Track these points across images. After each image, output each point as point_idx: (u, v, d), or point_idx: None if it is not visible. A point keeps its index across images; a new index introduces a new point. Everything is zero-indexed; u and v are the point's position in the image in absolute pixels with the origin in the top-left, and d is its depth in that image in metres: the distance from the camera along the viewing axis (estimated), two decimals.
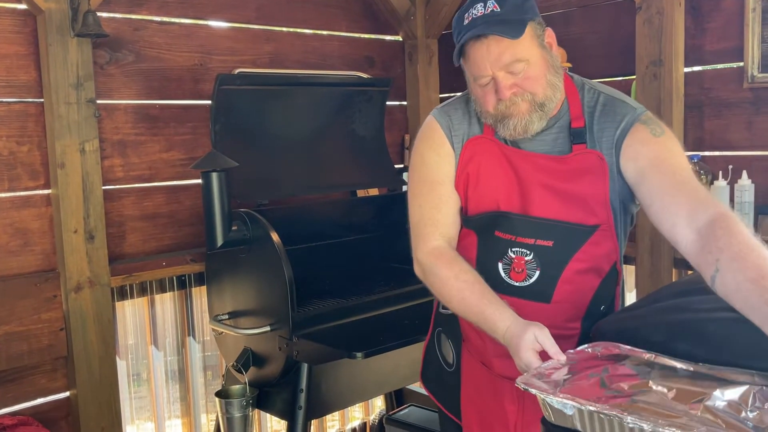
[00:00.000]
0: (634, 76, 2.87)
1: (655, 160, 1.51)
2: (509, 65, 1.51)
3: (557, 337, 1.41)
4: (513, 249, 1.61)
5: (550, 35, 1.59)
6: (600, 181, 1.56)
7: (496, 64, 1.51)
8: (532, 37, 1.54)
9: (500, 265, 1.63)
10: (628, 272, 3.01)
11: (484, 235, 1.66)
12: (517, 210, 1.61)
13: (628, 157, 1.54)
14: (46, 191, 2.66)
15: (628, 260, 2.96)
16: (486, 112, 1.60)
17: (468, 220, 1.69)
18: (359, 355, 2.20)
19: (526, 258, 1.60)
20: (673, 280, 2.77)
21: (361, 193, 3.58)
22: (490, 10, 1.50)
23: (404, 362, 2.81)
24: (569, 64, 3.16)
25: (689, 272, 2.73)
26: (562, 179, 1.58)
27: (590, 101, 1.62)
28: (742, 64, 2.64)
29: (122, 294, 2.83)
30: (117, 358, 2.81)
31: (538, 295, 1.61)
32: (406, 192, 3.45)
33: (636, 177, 1.53)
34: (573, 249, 1.58)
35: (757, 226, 2.63)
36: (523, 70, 1.52)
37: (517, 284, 1.61)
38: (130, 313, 2.90)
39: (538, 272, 1.60)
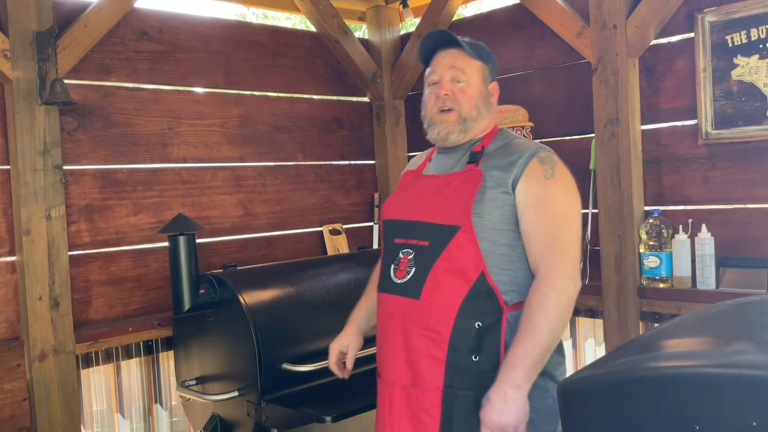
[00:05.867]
0: (593, 135, 2.96)
1: (536, 201, 1.78)
2: (456, 74, 1.90)
3: (427, 340, 1.78)
4: (403, 251, 1.88)
5: (494, 87, 1.97)
6: (470, 192, 1.81)
7: (448, 67, 1.91)
8: (479, 72, 1.93)
9: (392, 266, 1.89)
10: (596, 326, 3.04)
11: (387, 244, 1.95)
12: (413, 218, 1.90)
13: (521, 188, 1.80)
14: (11, 258, 2.64)
15: (595, 314, 3.00)
16: (425, 114, 1.95)
17: (384, 224, 2.02)
18: (328, 419, 2.18)
19: (409, 257, 1.85)
20: (640, 333, 2.80)
21: (331, 251, 3.59)
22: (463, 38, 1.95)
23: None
24: (531, 123, 3.26)
25: (655, 325, 2.76)
26: (448, 191, 1.86)
27: (497, 141, 1.93)
28: (696, 121, 2.74)
29: (87, 361, 2.78)
30: (82, 428, 2.74)
31: (411, 291, 1.82)
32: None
33: (521, 207, 1.80)
34: (441, 248, 1.80)
35: (719, 279, 2.68)
36: (462, 84, 1.90)
37: (398, 281, 1.86)
38: (95, 380, 2.84)
39: (414, 269, 1.83)
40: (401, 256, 1.86)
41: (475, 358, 1.77)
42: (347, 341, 2.13)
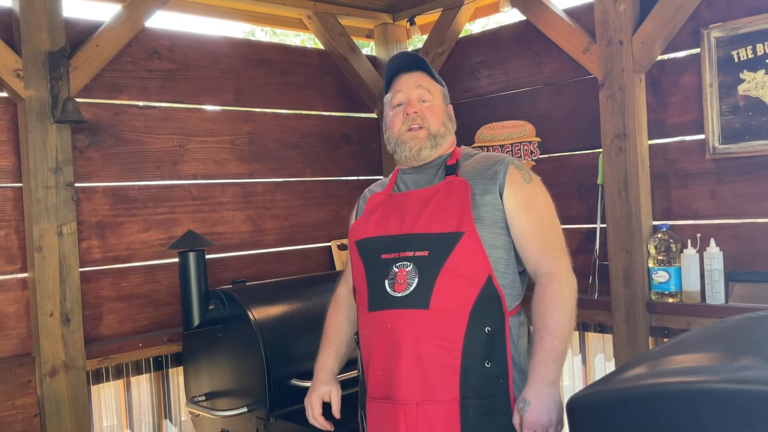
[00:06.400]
0: (600, 149, 2.97)
1: (525, 203, 1.87)
2: (422, 93, 1.98)
3: (440, 350, 1.76)
4: (397, 264, 1.85)
5: (451, 109, 2.08)
6: (464, 199, 1.85)
7: (414, 87, 1.98)
8: (441, 93, 2.03)
9: (386, 281, 1.85)
10: (606, 341, 3.03)
11: (371, 262, 1.91)
12: (401, 232, 1.90)
13: (508, 193, 1.88)
14: (22, 275, 2.66)
15: (604, 329, 2.99)
16: (392, 135, 2.00)
17: (361, 244, 1.97)
18: None
19: (407, 269, 1.83)
20: (650, 348, 2.79)
21: (339, 266, 3.60)
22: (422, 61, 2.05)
23: None
24: (538, 139, 3.27)
25: (665, 340, 2.75)
26: (434, 203, 1.89)
27: (466, 157, 2.01)
28: (703, 136, 2.74)
29: (98, 377, 2.79)
30: None
31: (418, 302, 1.79)
32: None
33: (510, 211, 1.87)
34: (445, 255, 1.80)
35: (728, 294, 2.67)
36: (428, 103, 1.98)
37: (398, 295, 1.82)
38: (105, 396, 2.86)
39: (417, 280, 1.81)
40: (396, 269, 1.84)
41: (488, 364, 1.77)
42: (327, 388, 2.03)
